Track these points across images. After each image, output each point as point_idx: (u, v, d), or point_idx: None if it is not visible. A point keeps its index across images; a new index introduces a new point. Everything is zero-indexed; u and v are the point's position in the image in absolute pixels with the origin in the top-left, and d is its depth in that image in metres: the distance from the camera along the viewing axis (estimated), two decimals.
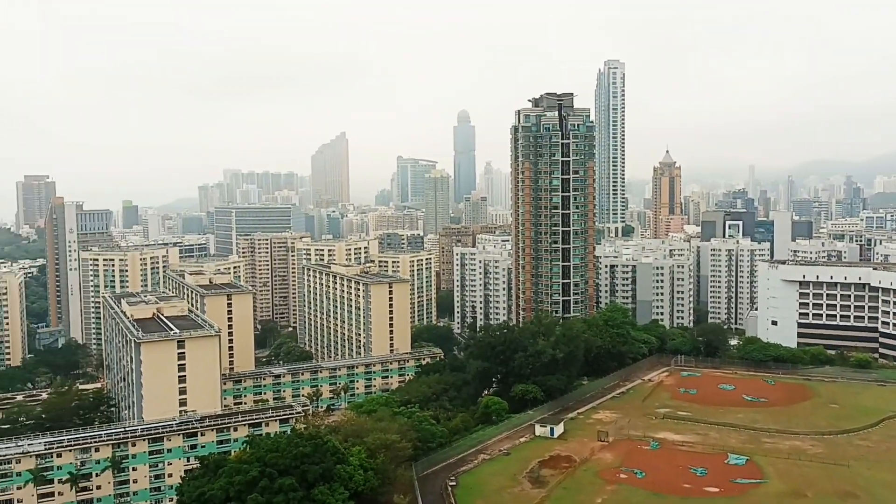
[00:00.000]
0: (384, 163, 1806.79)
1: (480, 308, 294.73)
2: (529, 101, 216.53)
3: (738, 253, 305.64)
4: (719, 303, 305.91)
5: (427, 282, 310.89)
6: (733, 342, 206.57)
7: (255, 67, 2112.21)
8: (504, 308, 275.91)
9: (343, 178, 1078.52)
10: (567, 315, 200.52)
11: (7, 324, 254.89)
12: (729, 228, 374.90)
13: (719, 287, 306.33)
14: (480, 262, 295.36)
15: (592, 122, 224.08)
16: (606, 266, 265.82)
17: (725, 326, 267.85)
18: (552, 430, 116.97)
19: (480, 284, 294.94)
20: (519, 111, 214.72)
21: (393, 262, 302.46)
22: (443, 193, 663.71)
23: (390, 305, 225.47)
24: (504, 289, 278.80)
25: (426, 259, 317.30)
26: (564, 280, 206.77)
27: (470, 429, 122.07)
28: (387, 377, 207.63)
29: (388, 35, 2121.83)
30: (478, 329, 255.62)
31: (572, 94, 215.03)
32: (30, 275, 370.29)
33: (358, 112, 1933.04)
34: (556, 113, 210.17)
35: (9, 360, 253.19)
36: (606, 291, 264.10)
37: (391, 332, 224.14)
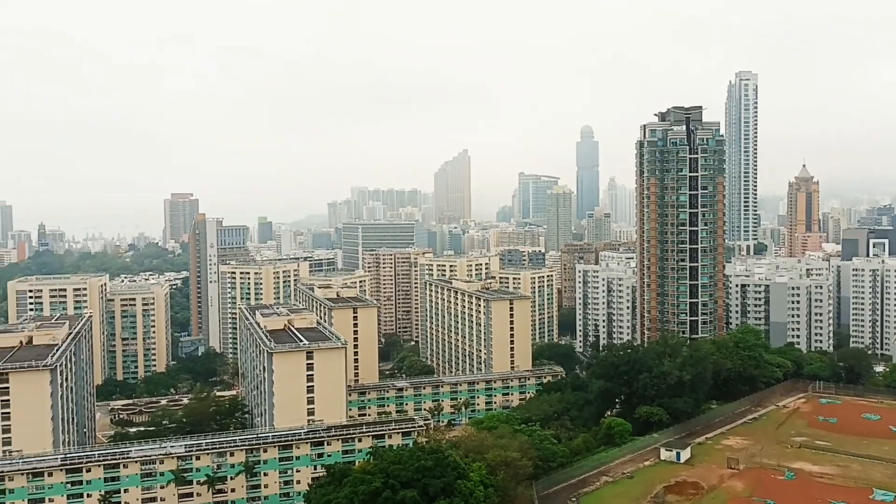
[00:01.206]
0: (506, 179, 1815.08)
1: (603, 327, 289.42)
2: (655, 115, 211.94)
3: (883, 273, 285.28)
4: (862, 326, 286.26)
5: (548, 299, 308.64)
6: (878, 368, 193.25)
7: (379, 88, 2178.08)
8: (628, 327, 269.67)
9: (465, 195, 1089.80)
10: (694, 336, 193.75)
11: (154, 332, 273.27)
12: (873, 247, 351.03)
13: (862, 309, 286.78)
14: (603, 279, 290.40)
15: (722, 136, 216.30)
16: (737, 285, 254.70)
17: (869, 352, 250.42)
18: (678, 454, 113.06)
19: (603, 302, 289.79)
20: (644, 126, 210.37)
21: (514, 278, 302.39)
22: (565, 210, 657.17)
23: (511, 322, 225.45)
24: (628, 307, 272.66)
25: (547, 276, 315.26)
26: (692, 299, 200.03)
27: (592, 449, 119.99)
28: (507, 394, 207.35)
29: (507, 53, 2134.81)
30: (600, 348, 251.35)
31: (701, 107, 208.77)
32: (174, 286, 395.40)
33: (480, 129, 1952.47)
34: (684, 127, 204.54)
35: (155, 366, 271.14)
36: (737, 312, 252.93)
37: (512, 348, 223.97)
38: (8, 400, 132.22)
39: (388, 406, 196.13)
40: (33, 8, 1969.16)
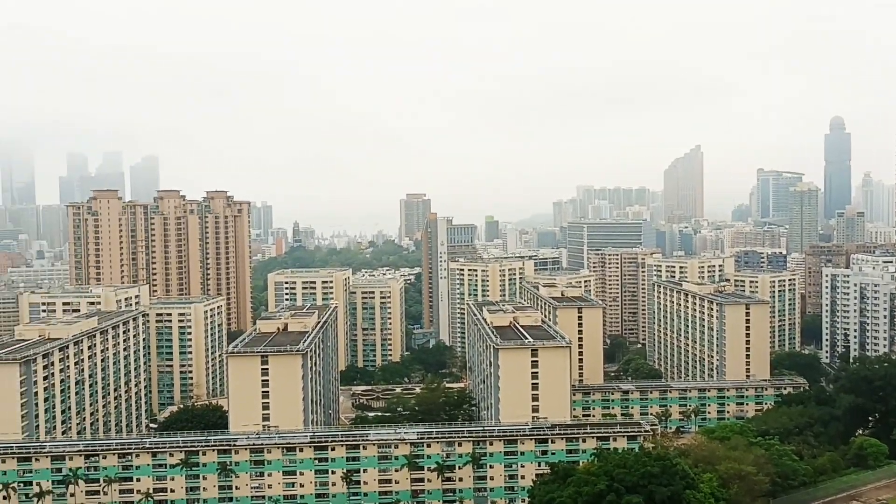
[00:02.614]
0: (742, 176, 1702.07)
1: (854, 337, 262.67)
2: None
3: None
4: None
5: (790, 305, 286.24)
6: None
7: (606, 87, 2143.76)
8: (885, 338, 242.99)
9: (697, 193, 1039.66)
10: None
11: (390, 323, 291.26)
12: None
13: None
14: (856, 285, 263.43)
15: None
16: None
17: None
18: None
19: (855, 310, 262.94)
20: None
21: (751, 281, 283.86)
22: (810, 208, 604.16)
23: (747, 328, 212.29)
24: (885, 317, 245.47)
25: (789, 280, 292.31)
26: None
27: (839, 470, 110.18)
28: (742, 404, 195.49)
29: (743, 42, 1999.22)
30: (851, 360, 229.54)
31: None
32: (408, 281, 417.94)
33: (713, 124, 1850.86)
34: None
35: (391, 355, 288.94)
36: None
37: (747, 356, 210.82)
38: (268, 380, 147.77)
39: (612, 408, 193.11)
40: (276, 28, 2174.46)
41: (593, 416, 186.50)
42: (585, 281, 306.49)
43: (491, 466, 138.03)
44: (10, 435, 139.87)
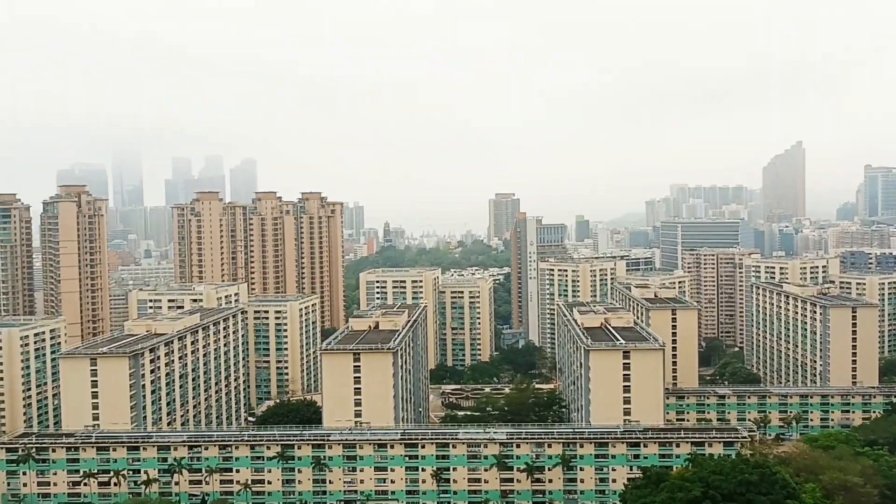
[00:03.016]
0: (848, 173, 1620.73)
1: None
2: None
3: None
4: None
5: None
6: None
7: (696, 83, 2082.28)
8: None
9: (798, 191, 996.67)
10: None
11: (479, 323, 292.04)
12: None
13: None
14: None
15: None
16: None
17: None
18: None
19: None
20: None
21: (857, 283, 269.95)
22: None
23: (853, 332, 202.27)
24: None
25: None
26: None
27: None
28: (847, 412, 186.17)
29: (846, 32, 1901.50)
30: None
31: None
32: (497, 281, 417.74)
33: (816, 120, 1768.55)
34: None
35: (480, 355, 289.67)
36: None
37: (854, 361, 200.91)
38: (360, 377, 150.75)
39: (708, 413, 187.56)
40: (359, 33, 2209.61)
41: (687, 420, 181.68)
42: (680, 282, 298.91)
43: (581, 469, 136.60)
44: (119, 425, 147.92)
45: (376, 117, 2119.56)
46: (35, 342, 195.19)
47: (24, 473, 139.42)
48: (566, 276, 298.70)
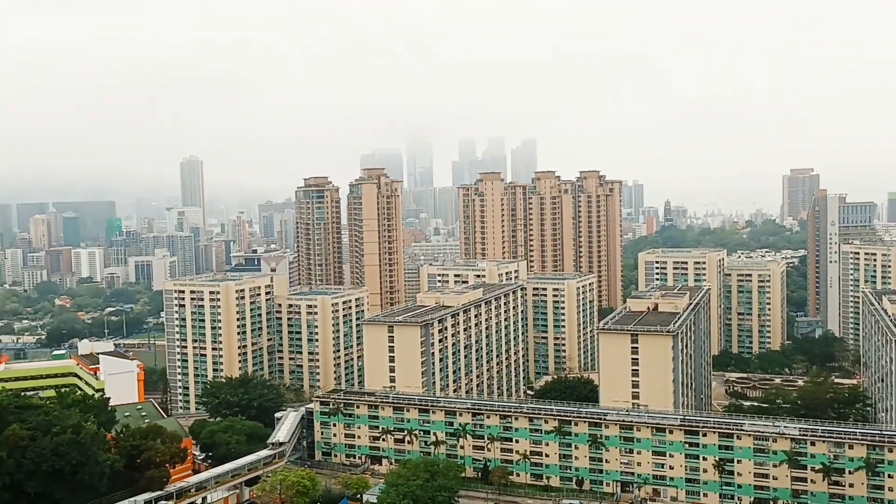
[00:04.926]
0: None
1: None
2: None
3: None
4: None
5: None
6: None
7: None
8: None
9: None
10: None
11: (769, 309, 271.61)
12: None
13: None
14: None
15: None
16: None
17: None
18: None
19: None
20: None
21: None
22: None
23: None
24: None
25: None
26: None
27: None
28: None
29: None
30: None
31: None
32: (791, 265, 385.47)
33: None
34: None
35: (769, 343, 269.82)
36: None
37: None
38: (637, 359, 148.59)
39: None
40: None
41: None
42: None
43: (890, 476, 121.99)
44: (412, 388, 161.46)
45: (658, 94, 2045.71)
46: (343, 309, 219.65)
47: (334, 425, 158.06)
48: (874, 260, 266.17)
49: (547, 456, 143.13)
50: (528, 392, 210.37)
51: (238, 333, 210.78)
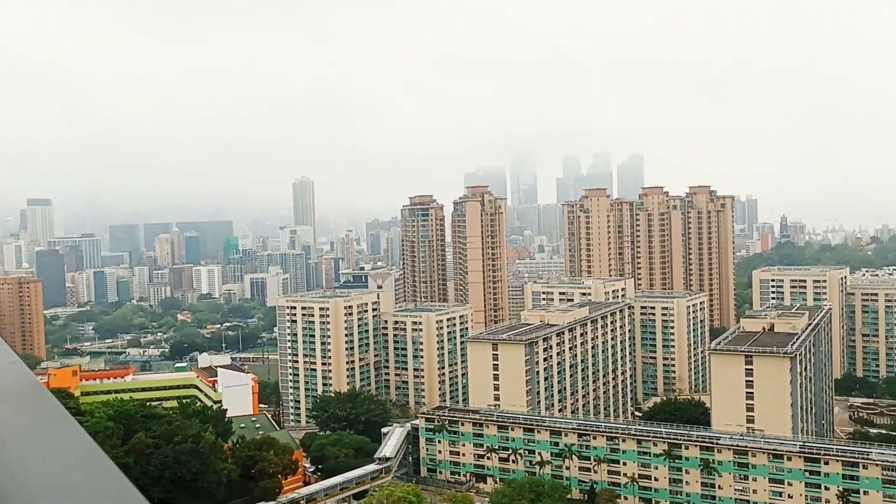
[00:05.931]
0: None
1: None
2: None
3: None
4: None
5: None
6: None
7: None
8: None
9: None
10: None
11: None
12: None
13: None
14: None
15: None
16: None
17: None
18: None
19: None
20: None
21: None
22: None
23: None
24: None
25: None
26: None
27: None
28: None
29: None
30: None
31: None
32: None
33: None
34: None
35: None
36: None
37: None
38: (752, 381, 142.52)
39: None
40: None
41: None
42: None
43: None
44: (516, 407, 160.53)
45: (768, 105, 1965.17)
46: (448, 326, 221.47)
47: (439, 442, 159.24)
48: None
49: (656, 480, 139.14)
50: (636, 413, 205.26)
51: (346, 349, 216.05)
